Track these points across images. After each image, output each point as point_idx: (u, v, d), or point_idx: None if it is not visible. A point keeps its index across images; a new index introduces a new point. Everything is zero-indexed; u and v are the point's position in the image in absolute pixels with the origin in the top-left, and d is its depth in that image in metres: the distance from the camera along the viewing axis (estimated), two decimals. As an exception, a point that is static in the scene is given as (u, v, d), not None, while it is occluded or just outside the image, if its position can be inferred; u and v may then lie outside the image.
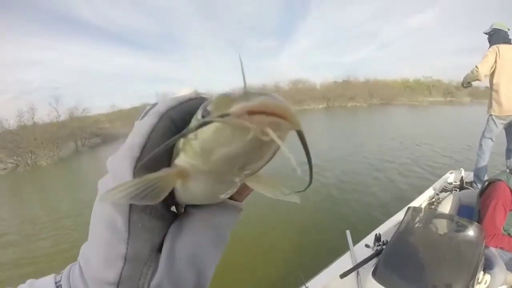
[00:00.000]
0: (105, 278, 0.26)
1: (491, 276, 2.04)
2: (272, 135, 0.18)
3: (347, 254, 2.94)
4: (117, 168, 0.27)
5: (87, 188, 11.56)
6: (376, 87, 46.83)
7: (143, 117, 0.27)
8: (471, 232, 2.19)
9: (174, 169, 0.26)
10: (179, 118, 0.28)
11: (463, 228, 2.24)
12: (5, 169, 14.13)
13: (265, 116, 0.18)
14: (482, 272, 2.01)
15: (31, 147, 15.42)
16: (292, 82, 50.07)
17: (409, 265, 2.28)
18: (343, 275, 2.44)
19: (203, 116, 0.22)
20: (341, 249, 3.10)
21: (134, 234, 0.27)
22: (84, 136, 21.30)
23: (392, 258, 2.38)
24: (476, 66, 3.68)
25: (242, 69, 0.20)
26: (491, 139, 4.12)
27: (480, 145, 4.26)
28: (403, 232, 2.53)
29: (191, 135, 0.23)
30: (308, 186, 0.28)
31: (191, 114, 0.25)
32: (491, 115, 3.95)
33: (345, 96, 44.81)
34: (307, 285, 2.46)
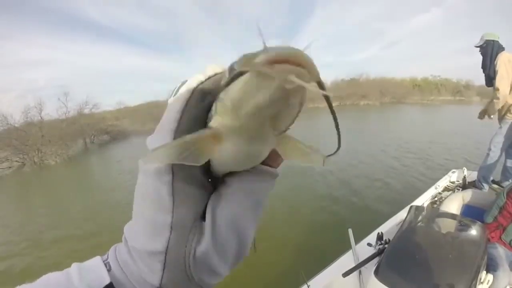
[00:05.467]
0: (154, 248, 0.28)
1: (494, 276, 2.01)
2: (296, 80, 0.19)
3: (349, 252, 2.94)
4: (157, 140, 0.29)
5: (98, 189, 11.38)
6: (387, 86, 46.77)
7: (175, 94, 0.30)
8: (474, 231, 2.19)
9: (209, 130, 0.27)
10: (209, 91, 0.29)
11: (466, 227, 2.25)
12: (10, 167, 13.22)
13: (288, 64, 0.19)
14: (484, 272, 2.00)
15: (38, 145, 14.53)
16: None
17: (411, 264, 2.28)
18: (345, 274, 2.44)
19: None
20: (343, 248, 3.07)
21: (178, 202, 0.28)
22: (93, 133, 20.50)
23: (395, 257, 2.38)
24: (497, 88, 3.56)
25: (261, 34, 0.20)
26: (503, 140, 4.03)
27: (490, 145, 4.14)
28: (405, 231, 2.54)
29: (221, 94, 0.24)
30: (337, 150, 0.32)
31: (220, 85, 0.26)
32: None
33: (356, 95, 44.53)
34: (309, 283, 2.45)
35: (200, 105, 0.29)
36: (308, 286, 2.42)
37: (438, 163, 11.00)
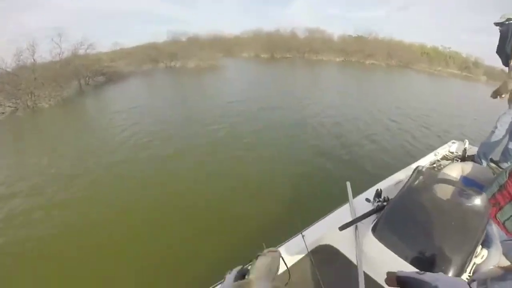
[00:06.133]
0: None
1: (488, 253, 2.00)
2: None
3: (346, 206, 2.97)
4: None
5: (93, 130, 11.67)
6: (395, 48, 45.59)
7: None
8: (479, 202, 2.10)
9: None
10: None
11: (471, 197, 2.14)
12: (3, 113, 12.78)
13: None
14: (480, 246, 1.98)
15: (31, 88, 14.35)
16: (309, 31, 47.94)
17: (410, 226, 2.25)
18: (342, 228, 2.45)
19: None
20: (340, 200, 3.10)
21: None
22: (88, 74, 20.21)
23: (394, 217, 2.37)
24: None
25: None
26: (510, 120, 3.96)
27: (497, 123, 4.08)
28: (407, 192, 2.48)
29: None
30: None
31: None
32: None
33: (363, 53, 43.52)
34: (303, 233, 2.46)
35: None
36: (303, 236, 2.41)
37: (434, 133, 11.52)
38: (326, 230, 2.63)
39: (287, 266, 1.81)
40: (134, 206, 6.02)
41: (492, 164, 4.20)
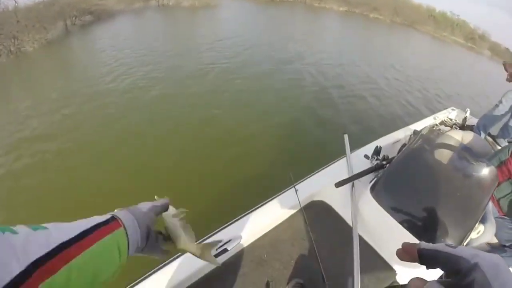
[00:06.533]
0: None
1: (484, 228, 1.99)
2: None
3: (343, 160, 2.86)
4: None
5: (80, 73, 11.43)
6: (402, 6, 43.24)
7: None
8: (487, 174, 1.95)
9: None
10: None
11: (480, 168, 1.99)
12: None
13: None
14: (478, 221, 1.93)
15: (13, 32, 13.94)
16: None
17: (411, 191, 2.18)
18: (338, 184, 2.36)
19: None
20: (336, 154, 3.03)
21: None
22: (75, 14, 19.20)
23: (394, 179, 2.29)
24: None
25: None
26: None
27: (502, 98, 4.10)
28: (409, 154, 2.37)
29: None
30: None
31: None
32: None
33: (368, 5, 41.09)
34: (296, 187, 2.38)
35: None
36: (296, 190, 2.35)
37: (429, 98, 11.47)
38: (321, 185, 2.55)
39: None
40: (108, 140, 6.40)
41: (489, 138, 4.23)
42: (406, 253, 0.50)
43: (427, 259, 0.47)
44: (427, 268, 0.47)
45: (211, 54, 13.17)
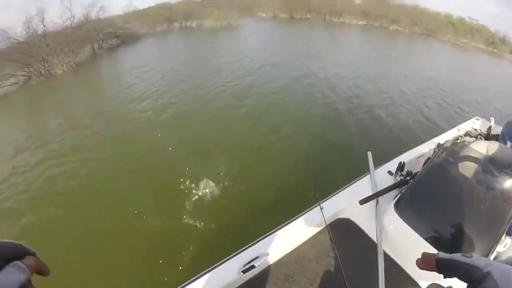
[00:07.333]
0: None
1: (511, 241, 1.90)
2: None
3: (367, 177, 2.83)
4: None
5: (108, 95, 11.71)
6: (420, 15, 42.46)
7: None
8: (510, 185, 1.90)
9: None
10: None
11: (504, 181, 1.93)
12: (16, 83, 12.60)
13: None
14: (504, 234, 1.86)
15: (43, 55, 14.23)
16: None
17: (435, 206, 2.13)
18: (362, 201, 2.34)
19: None
20: (360, 170, 2.96)
21: None
22: (101, 37, 19.77)
23: (418, 194, 2.25)
24: None
25: None
26: None
27: None
28: (432, 169, 2.33)
29: None
30: None
31: None
32: None
33: (387, 18, 40.88)
34: (322, 205, 2.35)
35: None
36: (321, 208, 2.31)
37: (452, 109, 10.65)
38: (345, 203, 2.52)
39: None
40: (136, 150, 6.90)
41: None
42: (425, 262, 0.54)
43: (444, 267, 0.51)
44: (445, 277, 0.50)
45: (229, 73, 13.09)
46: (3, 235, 4.85)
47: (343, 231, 2.33)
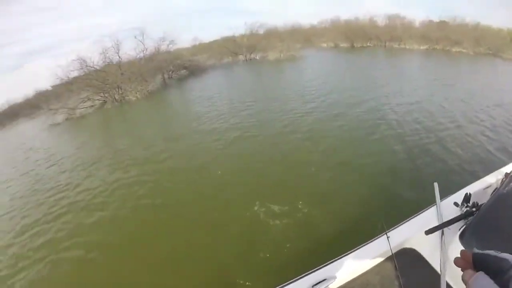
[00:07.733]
0: None
1: None
2: None
3: (433, 208, 2.81)
4: None
5: (174, 119, 12.23)
6: (483, 34, 38.89)
7: None
8: None
9: None
10: None
11: None
12: (92, 106, 13.93)
13: None
14: None
15: (118, 83, 14.88)
16: (388, 17, 43.54)
17: (501, 238, 2.05)
18: (428, 232, 2.32)
19: None
20: (427, 202, 2.93)
21: None
22: (171, 68, 20.69)
23: (483, 226, 2.19)
24: None
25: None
26: None
27: None
28: (499, 200, 2.25)
29: None
30: None
31: None
32: None
33: (449, 40, 37.89)
34: (389, 234, 2.36)
35: None
36: (388, 237, 2.33)
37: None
38: (411, 233, 2.50)
39: None
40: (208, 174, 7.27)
41: None
42: (464, 259, 0.61)
43: (479, 261, 0.58)
44: (477, 270, 0.57)
45: (294, 104, 12.61)
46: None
47: (407, 261, 2.33)
